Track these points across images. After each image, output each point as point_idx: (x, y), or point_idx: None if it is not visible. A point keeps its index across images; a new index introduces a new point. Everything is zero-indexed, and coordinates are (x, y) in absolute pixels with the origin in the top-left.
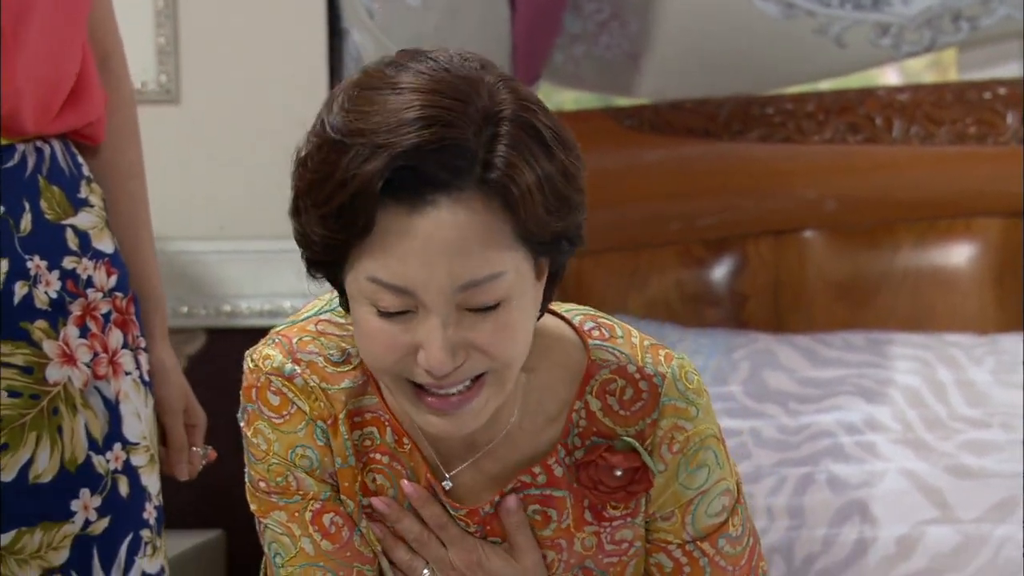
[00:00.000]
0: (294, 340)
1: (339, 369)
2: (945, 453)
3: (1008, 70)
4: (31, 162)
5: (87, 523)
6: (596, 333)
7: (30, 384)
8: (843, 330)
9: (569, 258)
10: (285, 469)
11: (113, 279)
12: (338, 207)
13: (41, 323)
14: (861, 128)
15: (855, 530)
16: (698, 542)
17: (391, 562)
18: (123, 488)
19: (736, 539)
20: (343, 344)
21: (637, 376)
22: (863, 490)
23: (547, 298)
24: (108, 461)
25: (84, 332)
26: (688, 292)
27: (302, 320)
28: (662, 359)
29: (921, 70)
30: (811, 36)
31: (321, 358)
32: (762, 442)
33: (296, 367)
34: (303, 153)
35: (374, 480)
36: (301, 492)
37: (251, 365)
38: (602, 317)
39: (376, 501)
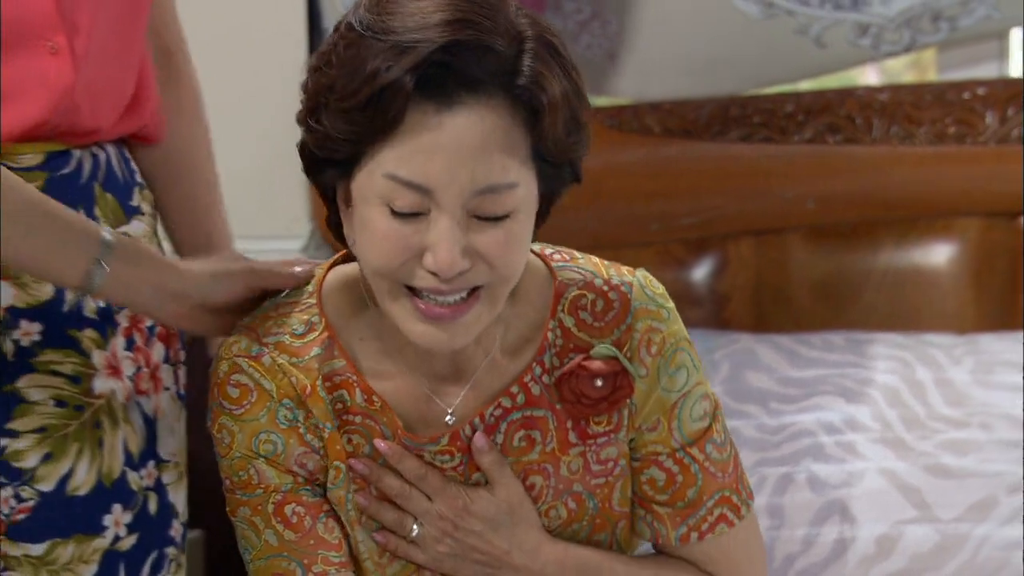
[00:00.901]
0: (258, 328)
1: (305, 340)
2: (924, 452)
3: (987, 70)
4: (87, 168)
5: (117, 538)
6: (557, 256)
7: (76, 394)
8: (823, 330)
9: (568, 189)
10: (247, 463)
11: None
12: (366, 100)
13: (90, 332)
14: (841, 128)
15: (835, 530)
16: (687, 448)
17: (382, 526)
18: (152, 505)
19: (721, 445)
20: (303, 316)
21: (605, 288)
22: (843, 490)
23: (538, 224)
24: (142, 478)
25: (130, 344)
26: (669, 292)
27: (261, 312)
28: (625, 271)
29: (901, 70)
30: (791, 36)
31: (287, 335)
32: (742, 442)
33: (263, 348)
34: (323, 53)
35: (349, 440)
36: (263, 485)
37: (219, 355)
38: (558, 247)
39: (355, 463)
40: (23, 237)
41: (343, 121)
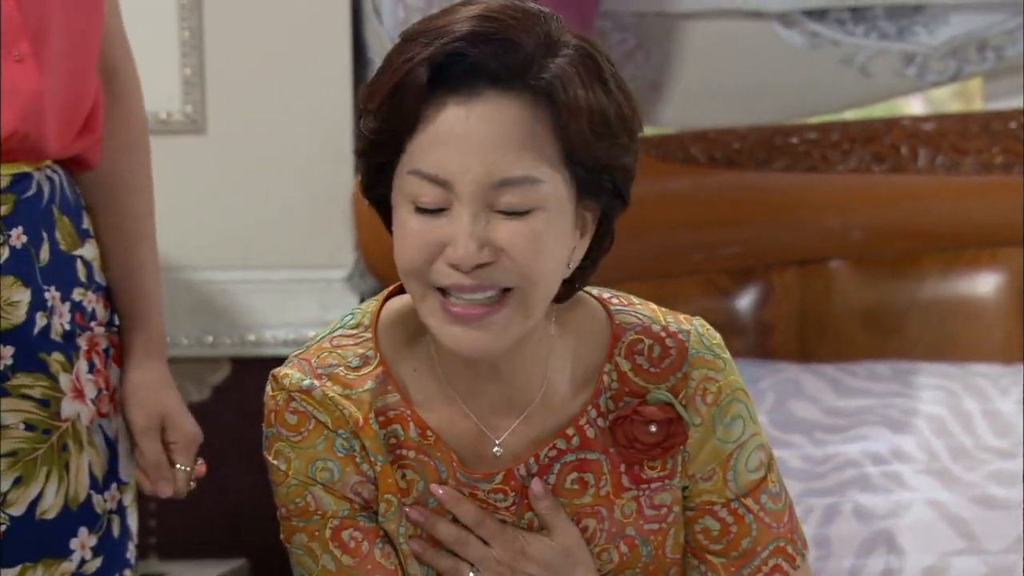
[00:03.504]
0: (312, 359)
1: (360, 373)
2: (971, 483)
3: None
4: (46, 191)
5: (83, 562)
6: (615, 300)
7: (45, 418)
8: (869, 360)
9: (616, 212)
10: (303, 489)
11: (109, 312)
12: (388, 94)
13: (58, 356)
14: (886, 158)
15: (881, 561)
16: (742, 499)
17: (439, 574)
18: (115, 528)
19: (776, 495)
20: (359, 350)
21: (663, 334)
22: (889, 520)
23: (594, 260)
24: (106, 500)
25: (91, 367)
26: (712, 322)
27: (316, 343)
28: (683, 319)
29: (946, 99)
30: (836, 66)
31: (341, 368)
32: (788, 472)
33: (315, 381)
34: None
35: (403, 476)
36: (320, 512)
37: (272, 386)
38: (615, 291)
39: (410, 511)
40: None
41: (372, 119)
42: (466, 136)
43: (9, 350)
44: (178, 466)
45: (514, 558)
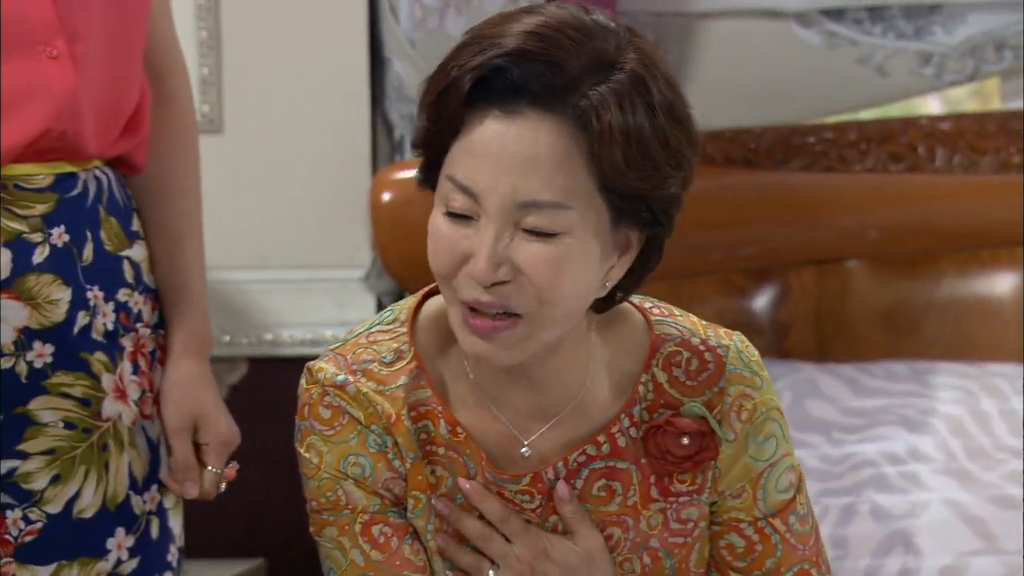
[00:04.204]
0: (348, 354)
1: (393, 368)
2: (989, 483)
3: None
4: (92, 190)
5: (119, 562)
6: (656, 311)
7: (85, 417)
8: (886, 360)
9: (659, 237)
10: (335, 483)
11: (156, 314)
12: (436, 96)
13: (100, 355)
14: (903, 157)
15: (899, 561)
16: (769, 518)
17: (459, 569)
18: (154, 530)
19: (803, 518)
20: (393, 344)
21: (702, 348)
22: (907, 520)
23: (638, 277)
24: (145, 502)
25: (135, 369)
26: (729, 322)
27: (353, 337)
28: (723, 333)
29: (963, 99)
30: (853, 65)
31: (375, 363)
32: (805, 471)
33: (349, 377)
34: None
35: (433, 472)
36: (350, 506)
37: (306, 378)
38: (657, 300)
39: (436, 503)
40: None
41: (423, 117)
42: (500, 153)
43: (49, 348)
44: (209, 468)
45: (536, 558)
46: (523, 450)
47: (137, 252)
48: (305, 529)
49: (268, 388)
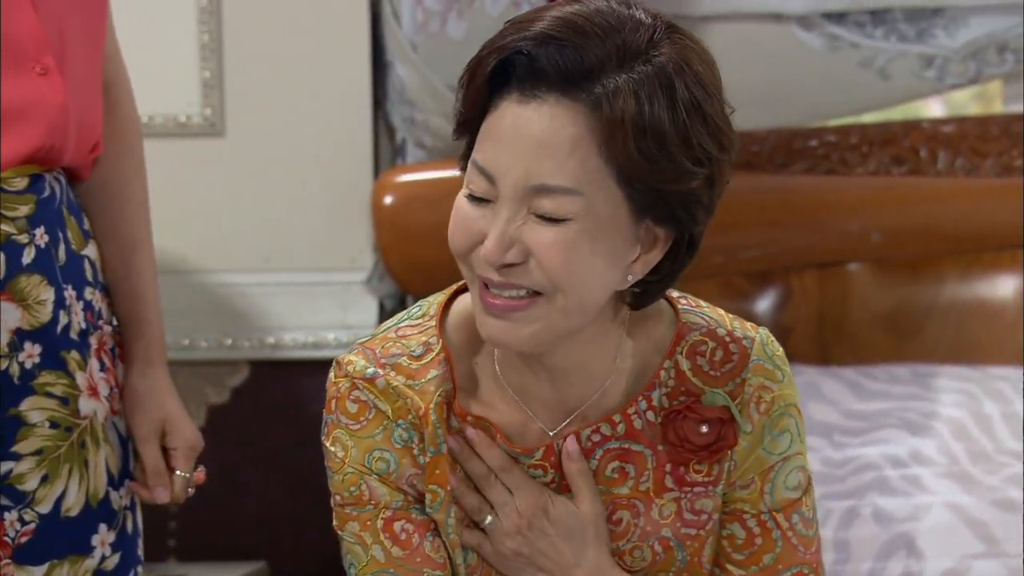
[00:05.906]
0: (377, 348)
1: (422, 361)
2: (991, 487)
3: None
4: (58, 192)
5: (103, 558)
6: (684, 301)
7: (66, 416)
8: (888, 363)
9: (688, 236)
10: (359, 478)
11: (110, 312)
12: (468, 78)
13: (75, 354)
14: (905, 160)
15: (901, 564)
16: (774, 513)
17: (462, 510)
18: (129, 525)
19: (808, 520)
20: (422, 337)
21: (727, 339)
22: (909, 524)
23: (668, 272)
24: (121, 497)
25: (102, 366)
26: None
27: (382, 332)
28: (749, 327)
29: (966, 102)
30: (855, 68)
31: (404, 357)
32: None
33: (379, 370)
34: None
35: (454, 460)
36: (373, 501)
37: (335, 372)
38: (685, 293)
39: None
40: None
41: (459, 99)
42: (516, 136)
43: (37, 348)
44: (177, 472)
45: (534, 513)
46: (540, 426)
47: (92, 251)
48: (306, 531)
49: (270, 391)
